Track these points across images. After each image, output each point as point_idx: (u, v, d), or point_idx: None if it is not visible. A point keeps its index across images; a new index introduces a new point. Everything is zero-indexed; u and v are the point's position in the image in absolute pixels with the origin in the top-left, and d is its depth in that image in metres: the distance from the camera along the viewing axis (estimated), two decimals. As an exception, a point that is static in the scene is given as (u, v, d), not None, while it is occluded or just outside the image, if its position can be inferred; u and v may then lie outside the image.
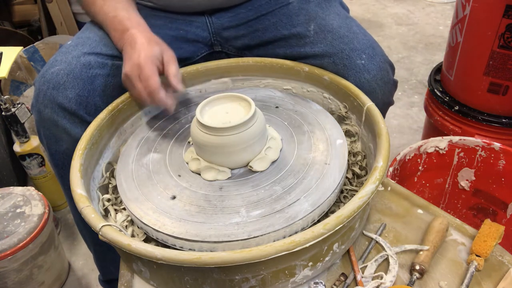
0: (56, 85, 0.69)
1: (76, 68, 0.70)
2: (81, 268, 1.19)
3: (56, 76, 0.69)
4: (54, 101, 0.68)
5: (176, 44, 0.82)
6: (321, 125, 0.68)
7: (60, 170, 0.75)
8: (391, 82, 0.77)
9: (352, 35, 0.75)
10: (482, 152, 0.94)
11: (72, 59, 0.71)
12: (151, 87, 0.63)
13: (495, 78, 0.98)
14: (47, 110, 0.69)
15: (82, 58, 0.72)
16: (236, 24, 0.85)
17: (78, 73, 0.70)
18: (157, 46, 0.67)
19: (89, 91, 0.70)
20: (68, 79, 0.69)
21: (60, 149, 0.72)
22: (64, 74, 0.69)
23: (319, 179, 0.58)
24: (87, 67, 0.71)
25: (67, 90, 0.69)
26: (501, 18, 0.91)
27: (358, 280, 0.56)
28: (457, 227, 0.64)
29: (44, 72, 0.71)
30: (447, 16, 2.44)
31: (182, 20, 0.84)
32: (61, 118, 0.69)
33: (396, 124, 1.63)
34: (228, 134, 0.59)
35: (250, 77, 0.83)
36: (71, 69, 0.70)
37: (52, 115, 0.69)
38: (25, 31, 1.93)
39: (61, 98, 0.68)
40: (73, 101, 0.69)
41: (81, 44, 0.75)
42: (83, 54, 0.72)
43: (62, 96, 0.68)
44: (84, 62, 0.71)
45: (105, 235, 0.50)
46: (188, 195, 0.59)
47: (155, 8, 0.84)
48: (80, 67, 0.71)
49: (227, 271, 0.49)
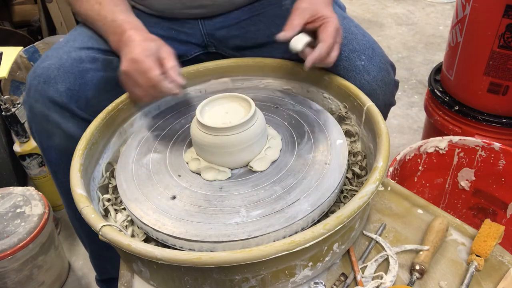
0: (47, 79, 0.68)
1: (67, 62, 0.70)
2: (81, 268, 1.19)
3: (47, 71, 0.69)
4: (45, 95, 0.68)
5: (168, 43, 0.82)
6: (321, 125, 0.68)
7: (53, 166, 0.75)
8: (392, 82, 0.77)
9: (351, 36, 0.74)
10: (482, 152, 0.94)
11: (63, 54, 0.71)
12: (153, 79, 0.62)
13: (495, 78, 0.98)
14: (38, 105, 0.69)
15: (73, 53, 0.71)
16: (228, 25, 0.84)
17: (69, 67, 0.70)
18: (153, 43, 0.66)
19: (80, 85, 0.70)
20: (58, 73, 0.69)
21: (52, 144, 0.72)
22: (55, 68, 0.69)
23: (319, 179, 0.58)
24: (78, 61, 0.71)
25: (58, 84, 0.68)
26: (501, 18, 0.91)
27: (358, 280, 0.56)
28: (457, 227, 0.64)
29: (35, 68, 0.71)
30: (447, 16, 2.44)
31: (175, 20, 0.83)
32: (52, 112, 0.69)
33: (396, 124, 1.64)
34: (228, 134, 0.59)
35: (250, 77, 0.83)
36: (62, 63, 0.70)
37: (43, 109, 0.68)
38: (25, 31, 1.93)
39: (52, 92, 0.68)
40: (64, 94, 0.68)
41: (72, 40, 0.74)
42: (74, 49, 0.72)
43: (53, 90, 0.68)
44: (75, 56, 0.71)
45: (105, 235, 0.50)
46: (188, 195, 0.59)
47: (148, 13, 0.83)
48: (71, 61, 0.70)
49: (227, 271, 0.49)
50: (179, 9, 0.81)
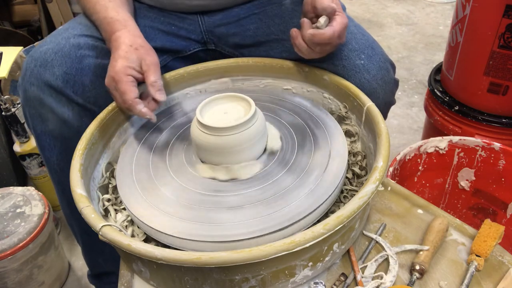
0: (44, 62, 0.68)
1: (65, 47, 0.70)
2: (81, 268, 1.19)
3: (44, 55, 0.69)
4: (40, 78, 0.67)
5: (168, 38, 0.82)
6: (321, 125, 0.68)
7: (46, 152, 0.74)
8: (392, 81, 0.77)
9: (350, 35, 0.74)
10: (482, 152, 0.94)
11: (62, 39, 0.71)
12: (127, 102, 0.63)
13: (495, 78, 0.98)
14: (33, 88, 0.68)
15: (72, 40, 0.71)
16: (227, 22, 0.84)
17: (67, 52, 0.69)
18: (135, 54, 0.65)
19: (77, 70, 0.69)
20: (56, 57, 0.68)
21: (46, 129, 0.71)
22: (52, 53, 0.69)
23: (319, 179, 0.58)
24: (76, 47, 0.70)
25: (55, 67, 0.68)
26: (501, 18, 0.91)
27: (358, 280, 0.56)
28: (457, 227, 0.64)
29: (33, 52, 0.70)
30: (447, 16, 2.44)
31: (175, 15, 0.83)
32: (47, 96, 0.68)
33: (396, 124, 1.64)
34: (228, 134, 0.59)
35: (250, 77, 0.83)
36: (60, 48, 0.69)
37: (38, 93, 0.68)
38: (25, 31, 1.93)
39: (48, 75, 0.67)
40: (60, 78, 0.68)
41: (72, 28, 0.74)
42: (73, 35, 0.72)
43: (49, 73, 0.68)
44: (73, 43, 0.71)
45: (105, 235, 0.50)
46: (188, 194, 0.59)
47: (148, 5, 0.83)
48: (69, 47, 0.70)
49: (227, 271, 0.49)
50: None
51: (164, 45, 0.81)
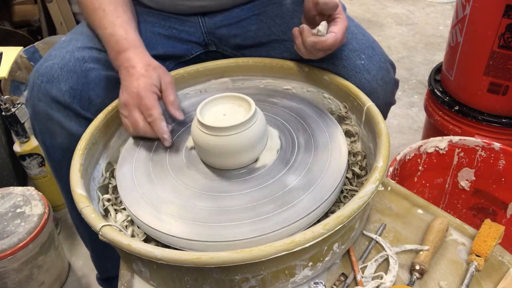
0: (50, 78, 0.69)
1: (70, 62, 0.70)
2: (81, 268, 1.19)
3: (50, 70, 0.69)
4: (48, 94, 0.68)
5: (169, 42, 0.82)
6: (321, 125, 0.68)
7: (56, 165, 0.75)
8: (392, 81, 0.77)
9: (351, 36, 0.74)
10: (482, 152, 0.94)
11: (66, 53, 0.71)
12: (153, 117, 0.63)
13: (495, 78, 0.98)
14: (41, 104, 0.69)
15: (76, 53, 0.71)
16: (228, 23, 0.84)
17: (72, 66, 0.70)
18: (155, 72, 0.66)
19: (83, 84, 0.70)
20: (62, 72, 0.69)
21: (55, 144, 0.72)
22: (58, 68, 0.69)
23: (319, 179, 0.58)
24: (81, 61, 0.71)
25: (61, 83, 0.69)
26: (501, 18, 0.91)
27: (358, 280, 0.56)
28: (457, 227, 0.64)
29: (38, 67, 0.71)
30: (447, 16, 2.44)
31: (175, 18, 0.83)
32: (55, 111, 0.69)
33: (396, 124, 1.64)
34: (228, 134, 0.59)
35: (250, 77, 0.83)
36: (65, 62, 0.70)
37: (46, 108, 0.69)
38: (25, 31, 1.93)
39: (55, 91, 0.68)
40: (66, 94, 0.69)
41: (75, 39, 0.75)
42: (77, 48, 0.72)
43: (56, 89, 0.68)
44: (78, 56, 0.71)
45: (105, 235, 0.50)
46: (188, 194, 0.59)
47: (148, 6, 0.83)
48: (74, 61, 0.70)
49: (227, 271, 0.49)
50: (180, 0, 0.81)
51: (166, 52, 0.81)
